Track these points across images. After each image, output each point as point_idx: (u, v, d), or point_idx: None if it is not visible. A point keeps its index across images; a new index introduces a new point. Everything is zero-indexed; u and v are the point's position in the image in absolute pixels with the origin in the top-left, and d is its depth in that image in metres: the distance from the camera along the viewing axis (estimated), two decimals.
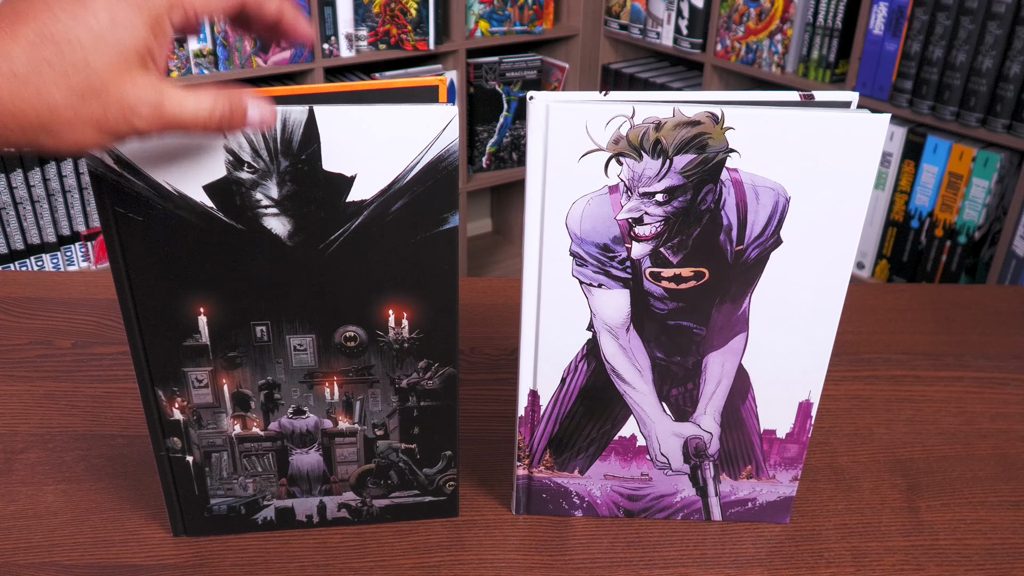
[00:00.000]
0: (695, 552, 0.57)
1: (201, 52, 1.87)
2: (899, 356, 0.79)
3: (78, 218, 1.86)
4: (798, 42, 1.87)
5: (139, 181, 0.45)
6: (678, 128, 0.45)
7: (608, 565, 0.56)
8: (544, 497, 0.59)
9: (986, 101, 1.59)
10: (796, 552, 0.57)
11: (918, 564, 0.57)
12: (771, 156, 0.46)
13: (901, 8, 1.67)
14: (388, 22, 2.05)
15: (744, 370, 0.53)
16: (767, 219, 0.48)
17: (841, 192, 0.47)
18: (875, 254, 1.85)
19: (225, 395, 0.52)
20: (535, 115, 0.45)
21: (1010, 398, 0.74)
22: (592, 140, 0.45)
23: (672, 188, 0.47)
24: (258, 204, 0.46)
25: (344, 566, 0.56)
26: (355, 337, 0.51)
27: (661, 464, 0.57)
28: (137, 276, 0.47)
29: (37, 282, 0.88)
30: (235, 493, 0.56)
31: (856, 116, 0.45)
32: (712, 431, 0.56)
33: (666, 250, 0.49)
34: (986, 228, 1.69)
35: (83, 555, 0.56)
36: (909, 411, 0.72)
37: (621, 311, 0.51)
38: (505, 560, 0.56)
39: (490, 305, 0.83)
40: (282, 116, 0.44)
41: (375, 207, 0.47)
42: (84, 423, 0.68)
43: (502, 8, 2.22)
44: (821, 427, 0.69)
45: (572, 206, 0.48)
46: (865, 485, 0.63)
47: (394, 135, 0.45)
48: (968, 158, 1.65)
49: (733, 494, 0.58)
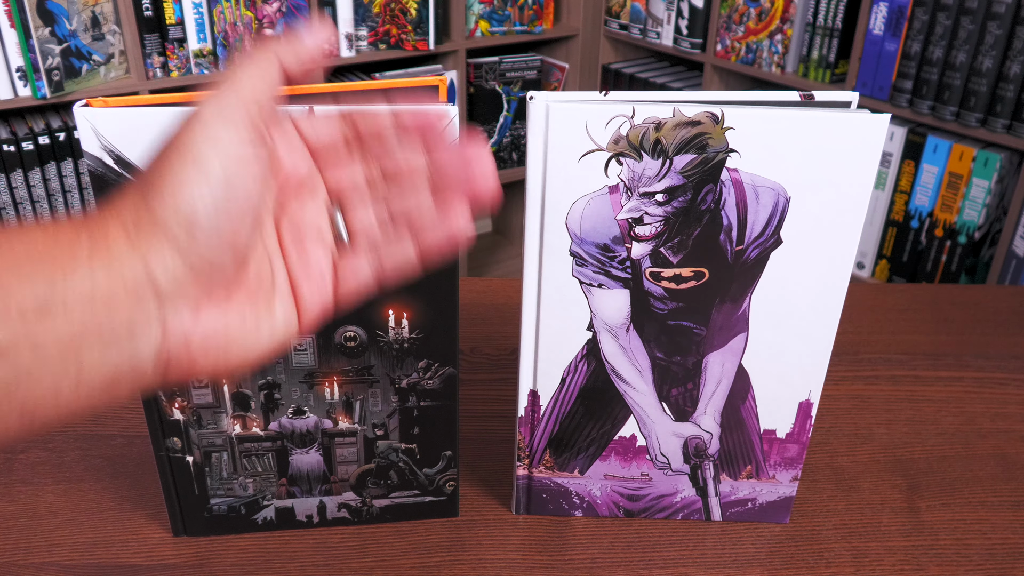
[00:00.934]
0: (695, 552, 0.57)
1: (201, 52, 1.87)
2: (899, 356, 0.79)
3: None
4: (798, 42, 1.87)
5: None
6: (678, 128, 0.45)
7: (608, 565, 0.56)
8: (544, 497, 0.59)
9: (986, 101, 1.59)
10: (796, 552, 0.57)
11: (918, 564, 0.57)
12: (771, 156, 0.46)
13: (901, 8, 1.67)
14: (388, 22, 2.05)
15: (744, 370, 0.53)
16: (767, 219, 0.48)
17: (841, 192, 0.47)
18: (875, 254, 1.85)
19: (225, 395, 0.52)
20: (535, 115, 0.45)
21: (1010, 398, 0.74)
22: (592, 140, 0.45)
23: (672, 188, 0.47)
24: None
25: (344, 566, 0.55)
26: (355, 337, 0.51)
27: (661, 464, 0.57)
28: None
29: None
30: (235, 493, 0.56)
31: (856, 116, 0.45)
32: (712, 431, 0.56)
33: (666, 250, 0.49)
34: (986, 228, 1.69)
35: (83, 555, 0.56)
36: (909, 411, 0.72)
37: (621, 311, 0.51)
38: (505, 560, 0.56)
39: (490, 305, 0.83)
40: None
41: None
42: (84, 423, 0.68)
43: (502, 8, 2.22)
44: (821, 427, 0.69)
45: (572, 206, 0.48)
46: (865, 485, 0.63)
47: None
48: (968, 158, 1.65)
49: (733, 494, 0.58)
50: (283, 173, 0.34)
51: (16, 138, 1.72)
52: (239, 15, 1.87)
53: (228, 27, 1.87)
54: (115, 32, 1.78)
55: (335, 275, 0.35)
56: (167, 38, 1.82)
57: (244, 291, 0.32)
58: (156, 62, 1.82)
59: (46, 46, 1.67)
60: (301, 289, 0.34)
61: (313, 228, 0.34)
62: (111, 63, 1.79)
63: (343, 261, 0.35)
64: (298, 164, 0.34)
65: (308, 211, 0.35)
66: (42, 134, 1.75)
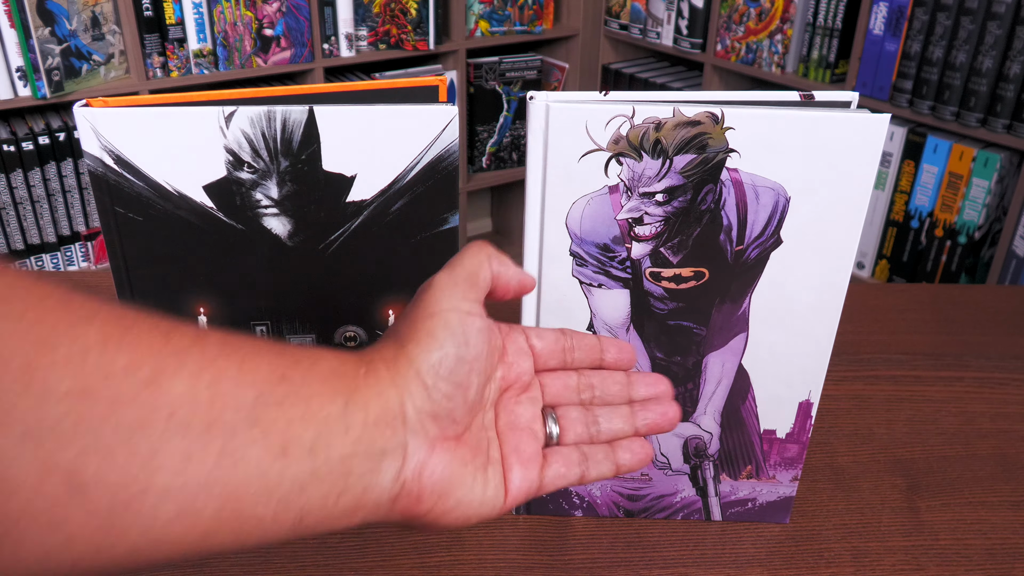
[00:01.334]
0: (695, 552, 0.57)
1: (201, 52, 1.87)
2: (899, 356, 0.79)
3: (78, 218, 1.86)
4: (798, 42, 1.88)
5: (139, 181, 0.45)
6: (678, 128, 0.45)
7: (608, 565, 0.56)
8: (544, 497, 0.59)
9: (986, 101, 1.59)
10: (796, 552, 0.57)
11: (918, 564, 0.57)
12: (771, 156, 0.46)
13: (901, 8, 1.67)
14: (388, 22, 2.05)
15: (744, 370, 0.53)
16: (767, 219, 0.48)
17: (841, 192, 0.47)
18: (875, 254, 1.85)
19: None
20: (535, 115, 0.45)
21: (1010, 398, 0.74)
22: (592, 140, 0.45)
23: (672, 188, 0.47)
24: (258, 204, 0.46)
25: (344, 566, 0.56)
26: (355, 337, 0.51)
27: (661, 464, 0.57)
28: (137, 276, 0.47)
29: None
30: None
31: (856, 116, 0.45)
32: (712, 431, 0.56)
33: (666, 250, 0.49)
34: (986, 228, 1.69)
35: None
36: (909, 411, 0.72)
37: (621, 311, 0.51)
38: (505, 560, 0.56)
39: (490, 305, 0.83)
40: (282, 116, 0.44)
41: (375, 207, 0.47)
42: None
43: (502, 8, 2.22)
44: (821, 427, 0.69)
45: (572, 206, 0.48)
46: (865, 485, 0.63)
47: (394, 135, 0.45)
48: (968, 158, 1.65)
49: (733, 494, 0.58)
50: (511, 376, 0.39)
51: (16, 138, 1.72)
52: (239, 15, 1.87)
53: (228, 27, 1.87)
54: (115, 32, 1.78)
55: (544, 464, 0.39)
56: (167, 38, 1.82)
57: (467, 446, 0.36)
58: (156, 62, 1.82)
59: (46, 46, 1.67)
60: (512, 470, 0.38)
61: (527, 423, 0.39)
62: (111, 63, 1.79)
63: (556, 456, 0.39)
64: (523, 371, 0.40)
65: (525, 409, 0.40)
66: (42, 134, 1.75)
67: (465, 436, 0.36)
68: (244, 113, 0.44)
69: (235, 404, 0.28)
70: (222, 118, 0.44)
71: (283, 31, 1.92)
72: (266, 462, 0.29)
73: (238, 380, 0.29)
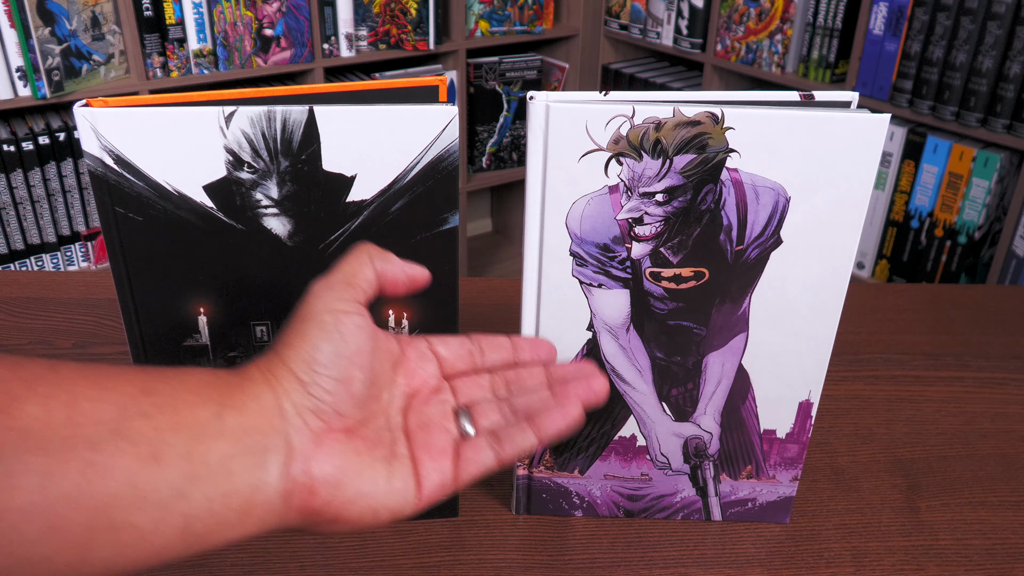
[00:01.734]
0: (695, 552, 0.57)
1: (201, 52, 1.87)
2: (899, 356, 0.79)
3: (78, 218, 1.86)
4: (798, 42, 1.88)
5: (139, 181, 0.45)
6: (678, 128, 0.45)
7: (608, 565, 0.56)
8: (544, 497, 0.59)
9: (986, 101, 1.59)
10: (796, 552, 0.57)
11: (918, 564, 0.57)
12: (771, 156, 0.46)
13: (901, 8, 1.67)
14: (388, 22, 2.05)
15: (744, 370, 0.53)
16: (767, 219, 0.48)
17: (841, 192, 0.47)
18: (875, 254, 1.85)
19: None
20: (535, 115, 0.45)
21: (1010, 398, 0.74)
22: (592, 140, 0.45)
23: (672, 188, 0.47)
24: (258, 204, 0.46)
25: (344, 566, 0.55)
26: None
27: (661, 464, 0.57)
28: (137, 276, 0.47)
29: (37, 282, 0.88)
30: None
31: (856, 116, 0.45)
32: (712, 431, 0.56)
33: (666, 250, 0.49)
34: (986, 228, 1.69)
35: None
36: (909, 411, 0.72)
37: (621, 311, 0.51)
38: (505, 560, 0.56)
39: (490, 305, 0.83)
40: (282, 116, 0.44)
41: (375, 207, 0.47)
42: None
43: (502, 8, 2.22)
44: (821, 427, 0.69)
45: (572, 206, 0.48)
46: (865, 485, 0.63)
47: (394, 135, 0.45)
48: (968, 158, 1.65)
49: (733, 494, 0.58)
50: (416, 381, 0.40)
51: (16, 138, 1.72)
52: (239, 15, 1.87)
53: (228, 27, 1.87)
54: (115, 32, 1.78)
55: (457, 456, 0.39)
56: (167, 38, 1.82)
57: (362, 438, 0.36)
58: (156, 62, 1.82)
59: (46, 46, 1.67)
60: (422, 464, 0.38)
61: (438, 421, 0.40)
62: (111, 63, 1.79)
63: (466, 445, 0.39)
64: (429, 375, 0.41)
65: (435, 410, 0.40)
66: (42, 134, 1.75)
67: (359, 430, 0.37)
68: (244, 113, 0.44)
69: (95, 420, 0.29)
70: (222, 118, 0.44)
71: (283, 31, 1.92)
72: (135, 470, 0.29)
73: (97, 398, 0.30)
